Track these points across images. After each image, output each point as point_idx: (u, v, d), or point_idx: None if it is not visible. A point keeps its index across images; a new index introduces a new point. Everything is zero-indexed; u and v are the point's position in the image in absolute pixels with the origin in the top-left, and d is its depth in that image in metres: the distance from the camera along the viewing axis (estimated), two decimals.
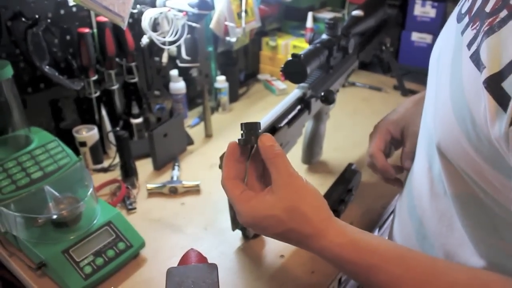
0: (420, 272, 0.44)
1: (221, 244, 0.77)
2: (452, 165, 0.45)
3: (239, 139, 0.53)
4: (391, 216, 0.92)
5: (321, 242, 0.48)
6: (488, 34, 0.36)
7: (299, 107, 0.80)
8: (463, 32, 0.42)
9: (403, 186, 0.66)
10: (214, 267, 0.57)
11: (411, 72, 1.51)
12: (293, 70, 0.74)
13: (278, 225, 0.48)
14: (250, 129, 0.52)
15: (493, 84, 0.35)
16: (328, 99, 0.76)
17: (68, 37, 0.94)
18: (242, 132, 0.53)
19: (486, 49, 0.36)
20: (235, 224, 0.74)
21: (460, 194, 0.46)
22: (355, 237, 0.48)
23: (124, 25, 0.88)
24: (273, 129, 0.71)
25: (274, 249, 0.75)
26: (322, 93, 0.76)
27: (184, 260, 0.61)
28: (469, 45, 0.39)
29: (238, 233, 0.77)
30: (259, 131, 0.53)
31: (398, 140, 0.76)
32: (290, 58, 0.73)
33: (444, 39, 0.49)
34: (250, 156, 0.54)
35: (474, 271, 0.44)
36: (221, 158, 0.64)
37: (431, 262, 0.45)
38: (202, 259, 0.61)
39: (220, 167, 0.65)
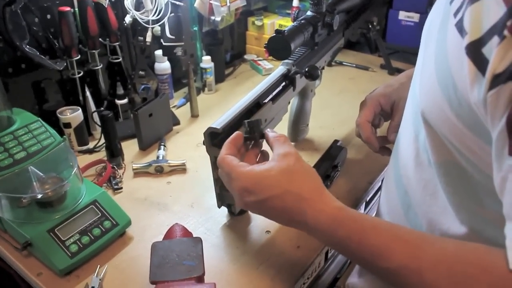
0: (410, 239, 0.45)
1: (207, 221, 0.77)
2: (435, 132, 0.46)
3: (245, 136, 0.59)
4: (379, 193, 0.94)
5: (318, 205, 0.49)
6: (472, 2, 0.37)
7: (283, 83, 0.79)
8: (451, 2, 0.42)
9: (390, 155, 0.67)
10: (198, 240, 0.58)
11: (398, 51, 1.51)
12: (277, 46, 0.74)
13: (276, 186, 0.50)
14: (253, 126, 0.59)
15: (474, 50, 0.36)
16: (312, 75, 0.76)
17: (48, 16, 0.92)
18: (246, 129, 0.60)
19: (469, 16, 0.37)
20: (221, 201, 0.75)
21: (443, 162, 0.47)
22: (347, 207, 0.50)
23: (105, 3, 0.86)
24: (257, 105, 0.71)
25: (260, 224, 0.75)
26: (306, 69, 0.76)
27: (168, 234, 0.61)
28: (456, 14, 0.40)
29: (224, 210, 0.78)
30: (261, 127, 0.60)
31: (387, 113, 0.77)
32: (274, 34, 0.73)
33: (435, 11, 0.50)
34: (248, 150, 0.59)
35: (461, 242, 0.44)
36: (205, 134, 0.64)
37: (419, 233, 0.47)
38: (186, 233, 0.61)
39: (204, 143, 0.66)
